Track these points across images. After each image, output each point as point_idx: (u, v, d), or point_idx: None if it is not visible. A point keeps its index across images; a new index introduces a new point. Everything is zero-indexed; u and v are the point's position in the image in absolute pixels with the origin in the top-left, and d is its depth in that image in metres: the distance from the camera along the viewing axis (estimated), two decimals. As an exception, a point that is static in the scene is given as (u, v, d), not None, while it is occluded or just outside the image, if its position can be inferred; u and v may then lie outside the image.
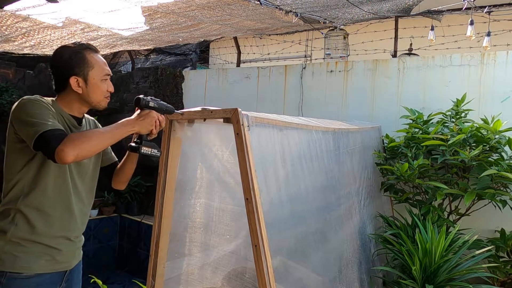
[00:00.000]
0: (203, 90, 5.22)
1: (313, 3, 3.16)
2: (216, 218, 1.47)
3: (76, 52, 1.58)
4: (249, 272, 1.38)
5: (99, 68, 1.61)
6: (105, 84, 1.64)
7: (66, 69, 1.57)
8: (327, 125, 2.19)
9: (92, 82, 1.59)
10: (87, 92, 1.60)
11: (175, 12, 3.19)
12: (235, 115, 1.21)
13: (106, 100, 1.67)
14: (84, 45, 1.62)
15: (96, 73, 1.60)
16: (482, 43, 3.37)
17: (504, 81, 3.24)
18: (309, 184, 1.85)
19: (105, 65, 1.65)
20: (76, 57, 1.57)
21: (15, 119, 1.48)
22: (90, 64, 1.58)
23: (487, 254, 2.43)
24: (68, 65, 1.57)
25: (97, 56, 1.63)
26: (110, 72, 1.67)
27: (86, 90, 1.59)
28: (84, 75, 1.58)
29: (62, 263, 1.59)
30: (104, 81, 1.63)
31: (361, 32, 4.46)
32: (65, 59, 1.57)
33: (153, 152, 1.55)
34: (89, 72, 1.58)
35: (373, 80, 3.88)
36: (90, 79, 1.59)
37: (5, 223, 1.49)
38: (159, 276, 1.50)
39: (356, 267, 2.33)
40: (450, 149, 2.82)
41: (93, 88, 1.60)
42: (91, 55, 1.60)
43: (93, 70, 1.59)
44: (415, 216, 2.67)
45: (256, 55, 5.41)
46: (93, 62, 1.60)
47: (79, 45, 1.61)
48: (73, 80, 1.57)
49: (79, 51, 1.59)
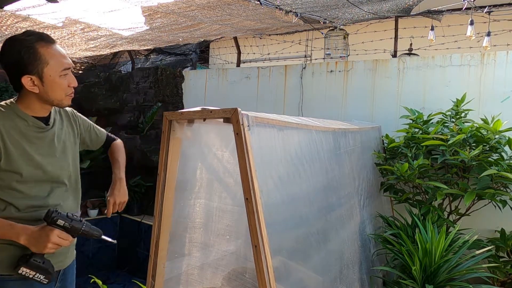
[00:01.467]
0: (203, 90, 5.22)
1: (313, 3, 3.16)
2: (216, 218, 1.47)
3: (26, 47, 1.37)
4: (249, 272, 1.38)
5: (56, 63, 1.41)
6: (65, 80, 1.44)
7: (17, 67, 1.38)
8: (327, 125, 2.19)
9: (48, 79, 1.40)
10: (45, 91, 1.41)
11: (175, 12, 3.19)
12: (234, 115, 1.20)
13: (69, 98, 1.49)
14: (35, 36, 1.39)
15: (52, 69, 1.40)
16: (482, 43, 3.37)
17: (504, 81, 3.24)
18: (309, 184, 1.85)
19: (63, 58, 1.44)
20: (28, 52, 1.36)
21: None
22: (44, 60, 1.38)
23: (487, 254, 2.43)
24: (19, 62, 1.37)
25: (52, 48, 1.41)
26: (69, 65, 1.45)
27: (43, 89, 1.41)
28: (39, 73, 1.38)
29: (55, 263, 1.53)
30: (64, 76, 1.44)
31: (361, 32, 4.46)
32: (15, 56, 1.37)
33: (35, 277, 1.32)
34: (44, 69, 1.38)
35: (373, 80, 3.87)
36: (46, 77, 1.39)
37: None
38: (159, 276, 1.50)
39: (356, 267, 2.33)
40: (450, 149, 2.82)
41: (51, 86, 1.41)
42: (45, 48, 1.39)
43: (48, 66, 1.39)
44: (415, 216, 2.67)
45: (256, 55, 5.41)
46: (47, 56, 1.39)
47: (29, 36, 1.38)
48: (26, 80, 1.39)
49: (30, 46, 1.37)
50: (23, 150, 1.41)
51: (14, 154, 1.38)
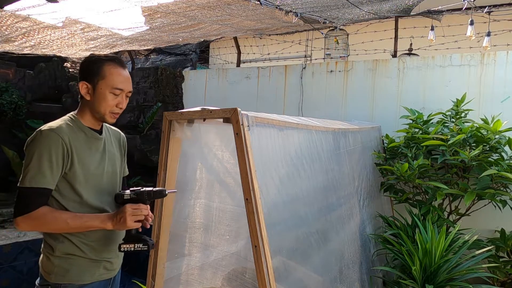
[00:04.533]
0: (203, 90, 5.22)
1: (313, 3, 3.16)
2: (216, 219, 1.47)
3: (95, 61, 1.58)
4: (249, 272, 1.38)
5: (111, 80, 1.57)
6: (114, 98, 1.58)
7: (81, 74, 1.59)
8: (327, 125, 2.19)
9: (99, 91, 1.56)
10: (94, 100, 1.58)
11: (175, 12, 3.19)
12: (234, 115, 1.20)
13: (112, 115, 1.61)
14: (109, 57, 1.60)
15: (105, 84, 1.56)
16: (482, 43, 3.37)
17: (504, 81, 3.24)
18: (309, 184, 1.85)
19: (121, 79, 1.59)
20: (94, 65, 1.57)
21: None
22: (102, 74, 1.56)
23: (487, 254, 2.43)
24: (83, 71, 1.59)
25: (116, 69, 1.59)
26: (125, 88, 1.60)
27: (93, 98, 1.57)
28: (94, 83, 1.56)
29: (111, 270, 1.66)
30: (113, 95, 1.58)
31: (361, 32, 4.46)
32: (83, 66, 1.59)
33: (137, 248, 1.50)
34: (99, 81, 1.56)
35: (373, 80, 3.87)
36: (98, 88, 1.56)
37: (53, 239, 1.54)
38: (159, 276, 1.50)
39: (356, 267, 2.33)
40: (450, 149, 2.82)
41: (99, 97, 1.57)
42: (109, 67, 1.58)
43: (103, 80, 1.56)
44: (415, 216, 2.67)
45: (256, 55, 5.41)
46: (107, 73, 1.57)
47: (105, 57, 1.60)
48: (82, 85, 1.57)
49: (99, 61, 1.58)
50: (83, 158, 1.56)
51: (75, 162, 1.53)
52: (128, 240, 1.51)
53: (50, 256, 1.53)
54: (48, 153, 1.46)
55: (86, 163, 1.55)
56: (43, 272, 1.55)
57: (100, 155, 1.63)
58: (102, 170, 1.61)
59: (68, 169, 1.50)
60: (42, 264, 1.56)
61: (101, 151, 1.64)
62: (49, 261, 1.53)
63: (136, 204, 1.47)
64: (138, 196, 1.48)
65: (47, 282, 1.53)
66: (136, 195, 1.49)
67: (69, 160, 1.50)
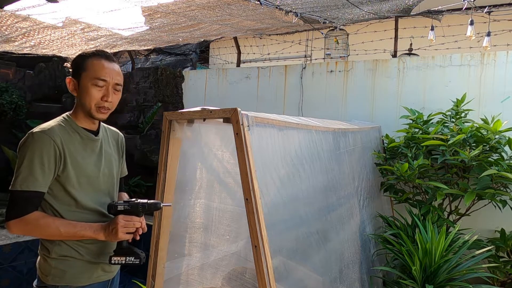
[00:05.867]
0: (203, 90, 5.22)
1: (313, 3, 3.16)
2: (216, 219, 1.47)
3: (81, 56, 1.55)
4: (249, 272, 1.38)
5: (92, 71, 1.51)
6: (98, 91, 1.52)
7: (71, 71, 1.57)
8: (327, 125, 2.19)
9: (81, 84, 1.52)
10: (80, 96, 1.54)
11: (175, 12, 3.19)
12: (234, 115, 1.20)
13: (99, 110, 1.55)
14: (95, 52, 1.56)
15: (87, 76, 1.51)
16: (482, 43, 3.37)
17: (504, 81, 3.24)
18: (309, 184, 1.85)
19: (104, 71, 1.52)
20: (79, 60, 1.54)
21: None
22: (85, 67, 1.52)
23: (487, 254, 2.43)
24: (72, 68, 1.56)
25: (99, 61, 1.53)
26: (109, 79, 1.53)
27: (78, 93, 1.54)
28: (78, 77, 1.53)
29: (109, 272, 1.65)
30: (96, 86, 1.51)
31: (361, 32, 4.46)
32: (72, 63, 1.57)
33: (128, 261, 1.50)
34: (82, 73, 1.52)
35: (373, 80, 3.87)
36: (81, 81, 1.52)
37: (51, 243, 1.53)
38: (159, 276, 1.50)
39: (356, 267, 2.33)
40: (450, 149, 2.82)
41: (83, 91, 1.52)
42: (92, 60, 1.53)
43: (85, 73, 1.51)
44: (415, 216, 2.67)
45: (256, 55, 5.41)
46: (88, 65, 1.52)
47: (91, 52, 1.56)
48: (69, 81, 1.55)
49: (85, 56, 1.54)
50: (77, 160, 1.53)
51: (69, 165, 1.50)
52: (120, 252, 1.50)
53: (47, 258, 1.52)
54: (40, 156, 1.43)
55: (80, 164, 1.52)
56: (40, 274, 1.54)
57: (97, 156, 1.61)
58: (98, 171, 1.59)
59: (61, 172, 1.48)
60: (39, 266, 1.55)
61: (97, 152, 1.61)
62: (46, 263, 1.52)
63: (129, 216, 1.46)
64: (132, 207, 1.47)
65: (44, 284, 1.52)
66: (130, 206, 1.47)
67: (62, 162, 1.47)
